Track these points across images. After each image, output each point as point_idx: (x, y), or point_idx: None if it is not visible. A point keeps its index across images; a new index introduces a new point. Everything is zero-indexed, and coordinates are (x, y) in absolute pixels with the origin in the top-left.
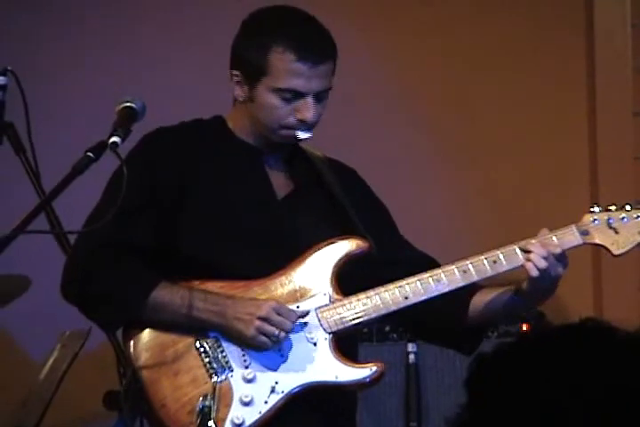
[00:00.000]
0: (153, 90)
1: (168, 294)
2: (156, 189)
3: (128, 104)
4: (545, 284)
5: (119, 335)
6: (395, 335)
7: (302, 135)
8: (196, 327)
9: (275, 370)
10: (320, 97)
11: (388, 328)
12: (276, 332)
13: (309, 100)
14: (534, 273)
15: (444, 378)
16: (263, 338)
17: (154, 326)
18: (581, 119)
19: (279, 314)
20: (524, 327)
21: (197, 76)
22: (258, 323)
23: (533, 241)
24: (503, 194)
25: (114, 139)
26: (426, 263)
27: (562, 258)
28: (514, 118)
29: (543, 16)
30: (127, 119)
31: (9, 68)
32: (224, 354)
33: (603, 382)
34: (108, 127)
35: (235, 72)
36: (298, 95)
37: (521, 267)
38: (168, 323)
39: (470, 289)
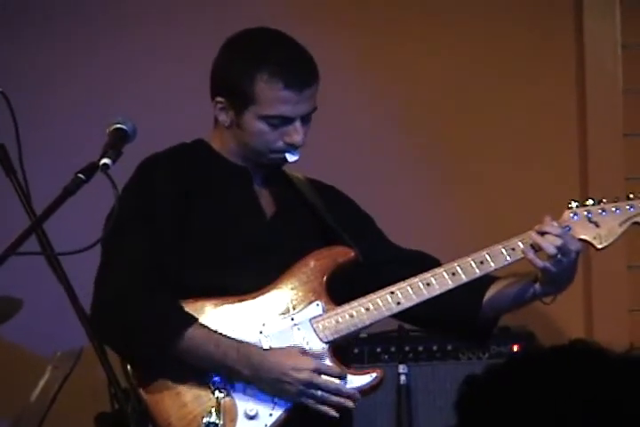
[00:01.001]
0: (144, 110)
1: (203, 337)
2: (157, 216)
3: (119, 125)
4: (556, 271)
5: (111, 357)
6: (386, 356)
7: (291, 158)
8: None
9: None
10: (306, 119)
11: (379, 349)
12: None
13: (297, 124)
14: (539, 265)
15: (435, 399)
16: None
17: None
18: (572, 140)
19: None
20: (515, 348)
21: (189, 95)
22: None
23: (517, 240)
24: (494, 208)
25: (105, 160)
26: (418, 257)
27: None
28: (504, 140)
29: (533, 38)
30: (118, 141)
31: None
32: None
33: (593, 402)
34: (100, 149)
35: (219, 99)
36: (285, 120)
37: (508, 265)
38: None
39: (486, 281)
